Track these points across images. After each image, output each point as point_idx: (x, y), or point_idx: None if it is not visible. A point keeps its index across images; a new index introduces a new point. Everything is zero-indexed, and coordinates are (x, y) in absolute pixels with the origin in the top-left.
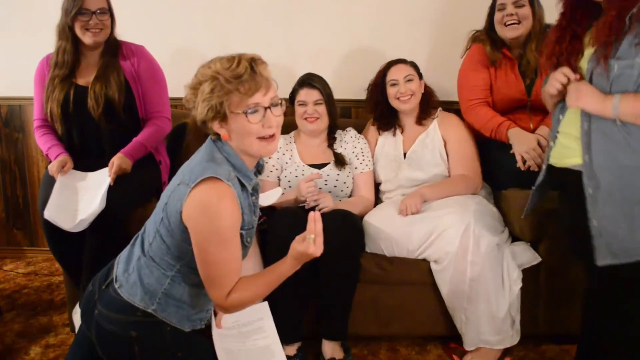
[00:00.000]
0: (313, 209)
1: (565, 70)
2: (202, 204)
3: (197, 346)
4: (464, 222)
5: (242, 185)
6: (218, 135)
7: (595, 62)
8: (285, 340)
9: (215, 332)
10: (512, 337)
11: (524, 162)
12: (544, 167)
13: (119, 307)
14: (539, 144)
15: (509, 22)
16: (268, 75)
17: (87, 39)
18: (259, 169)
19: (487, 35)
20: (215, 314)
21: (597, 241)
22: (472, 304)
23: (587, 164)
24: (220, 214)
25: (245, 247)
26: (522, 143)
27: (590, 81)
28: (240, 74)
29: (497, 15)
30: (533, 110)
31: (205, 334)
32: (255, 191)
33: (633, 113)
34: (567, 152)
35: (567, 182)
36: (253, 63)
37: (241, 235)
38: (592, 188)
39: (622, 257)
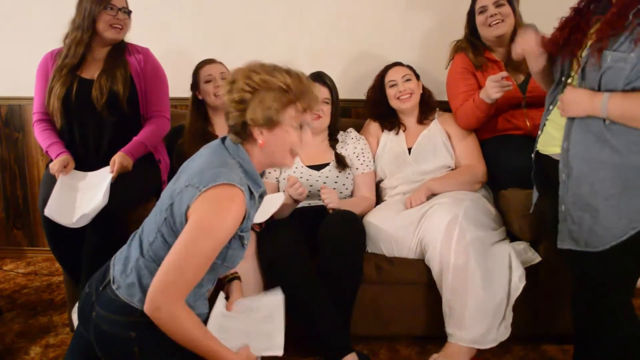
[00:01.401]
0: (315, 207)
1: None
2: (214, 199)
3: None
4: (453, 212)
5: (251, 192)
6: (240, 141)
7: (590, 54)
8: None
9: (218, 311)
10: (494, 339)
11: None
12: (533, 155)
13: (117, 308)
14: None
15: (494, 22)
16: (319, 95)
17: (110, 34)
18: (261, 173)
19: (468, 42)
20: (227, 298)
21: (561, 225)
22: (457, 296)
23: (565, 150)
24: (227, 213)
25: (243, 248)
26: (485, 89)
27: (583, 72)
28: (306, 91)
29: (480, 18)
30: (530, 107)
31: None
32: (261, 197)
33: (621, 113)
34: (552, 141)
35: (549, 169)
36: (313, 84)
37: (241, 237)
38: (565, 174)
39: (582, 245)
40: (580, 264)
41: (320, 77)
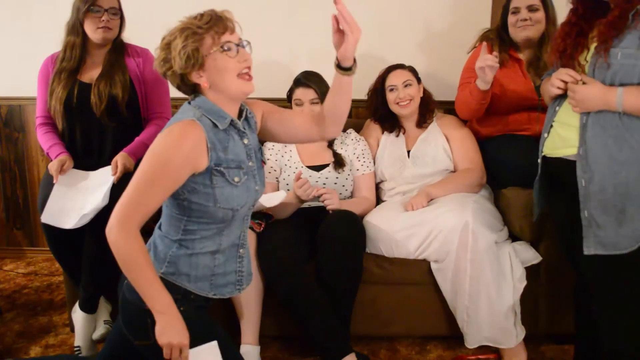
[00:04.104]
0: (315, 207)
1: (570, 71)
2: (167, 132)
3: (204, 330)
4: (462, 220)
5: (215, 125)
6: (195, 93)
7: (597, 56)
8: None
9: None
10: (517, 336)
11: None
12: (539, 160)
13: None
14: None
15: (523, 25)
16: (232, 17)
17: (96, 35)
18: (244, 117)
19: (497, 35)
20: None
21: (586, 231)
22: (473, 302)
23: (582, 156)
24: (179, 140)
25: (234, 185)
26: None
27: (593, 75)
28: (208, 20)
29: (511, 19)
30: (544, 110)
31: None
32: (243, 132)
33: (638, 106)
34: (563, 142)
35: (560, 172)
36: (215, 10)
37: (222, 172)
38: (585, 180)
39: (610, 249)
40: (602, 268)
41: (301, 80)
